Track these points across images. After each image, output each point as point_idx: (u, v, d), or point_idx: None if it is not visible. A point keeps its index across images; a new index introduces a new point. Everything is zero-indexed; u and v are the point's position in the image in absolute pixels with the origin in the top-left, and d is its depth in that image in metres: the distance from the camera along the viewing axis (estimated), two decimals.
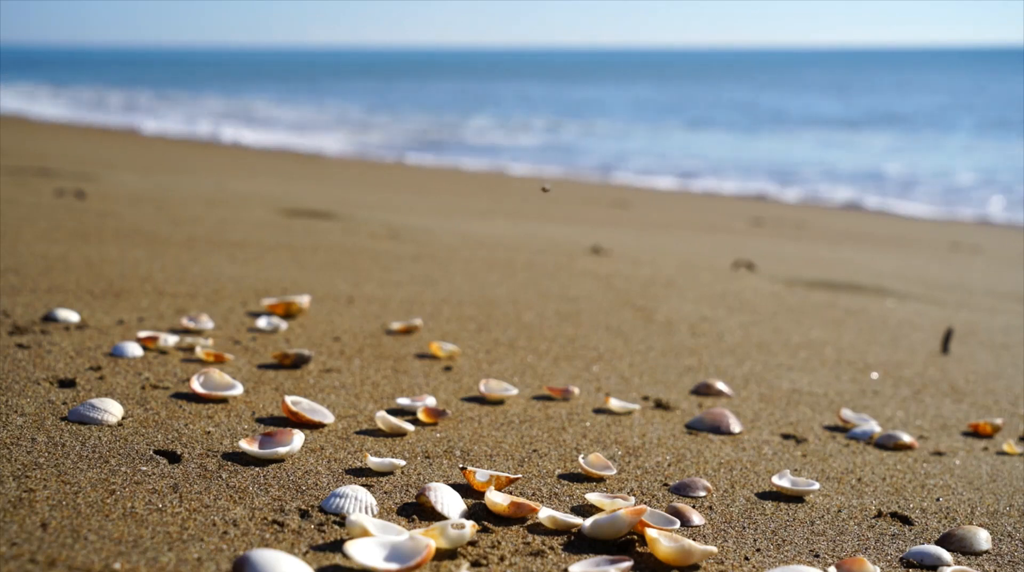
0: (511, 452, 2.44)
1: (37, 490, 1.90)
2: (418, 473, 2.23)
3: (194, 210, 6.49)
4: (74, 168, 9.24)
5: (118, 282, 3.92)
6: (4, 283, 3.70)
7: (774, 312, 4.58)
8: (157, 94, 36.58)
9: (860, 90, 44.67)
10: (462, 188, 12.25)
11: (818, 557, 2.00)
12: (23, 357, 2.79)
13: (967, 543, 2.10)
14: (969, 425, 3.02)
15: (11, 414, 2.32)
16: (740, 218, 10.41)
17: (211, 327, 3.32)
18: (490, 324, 3.81)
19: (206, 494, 1.97)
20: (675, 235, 8.35)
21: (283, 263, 4.75)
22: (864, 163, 18.33)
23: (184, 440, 2.27)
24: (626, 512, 1.93)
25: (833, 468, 2.54)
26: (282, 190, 9.12)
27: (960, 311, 5.15)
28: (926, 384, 3.52)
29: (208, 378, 2.62)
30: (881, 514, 2.25)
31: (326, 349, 3.23)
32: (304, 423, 2.45)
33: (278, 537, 1.82)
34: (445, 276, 4.76)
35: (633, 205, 11.12)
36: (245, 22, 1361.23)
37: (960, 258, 8.12)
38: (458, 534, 1.82)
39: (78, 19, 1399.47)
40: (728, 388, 3.19)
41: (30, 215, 5.52)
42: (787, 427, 2.87)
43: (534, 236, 6.88)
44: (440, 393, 2.88)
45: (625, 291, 4.76)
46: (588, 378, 3.20)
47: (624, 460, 2.46)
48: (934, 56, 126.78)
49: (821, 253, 7.61)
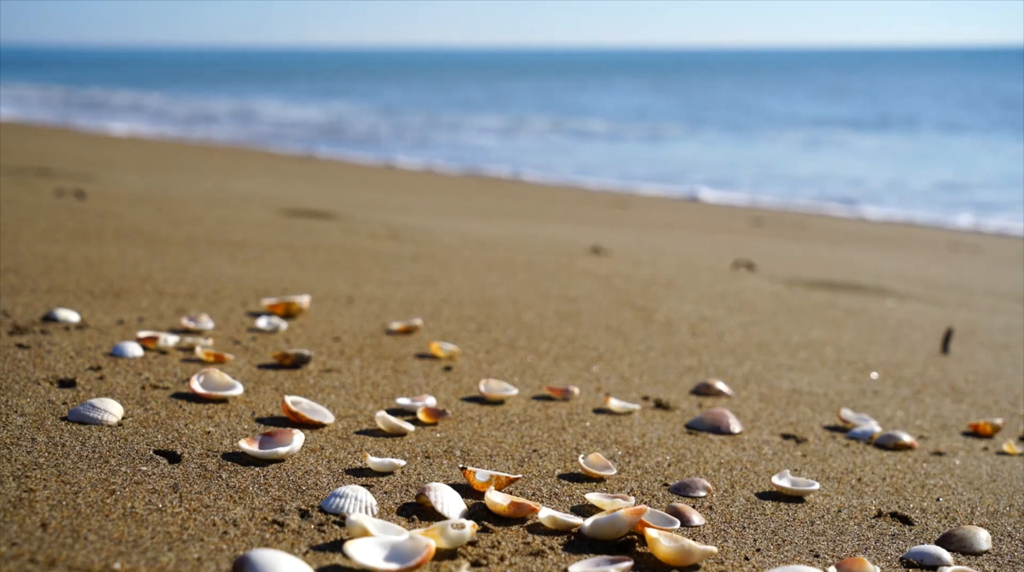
0: (511, 452, 2.44)
1: (37, 490, 1.90)
2: (418, 473, 2.23)
3: (194, 210, 6.49)
4: (74, 168, 9.24)
5: (118, 282, 3.92)
6: (4, 283, 3.70)
7: (774, 312, 4.58)
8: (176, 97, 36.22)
9: (870, 91, 44.49)
10: (462, 188, 12.25)
11: (818, 557, 2.00)
12: (23, 357, 2.79)
13: (967, 543, 2.10)
14: (969, 425, 3.02)
15: (11, 414, 2.32)
16: (740, 218, 10.41)
17: (211, 327, 3.32)
18: (490, 324, 3.81)
19: (206, 494, 1.97)
20: (675, 235, 8.35)
21: (283, 263, 4.75)
22: (864, 163, 18.35)
23: (184, 440, 2.27)
24: (626, 512, 1.93)
25: (833, 468, 2.54)
26: (282, 190, 9.12)
27: (960, 311, 5.15)
28: (926, 384, 3.52)
29: (208, 378, 2.62)
30: (881, 514, 2.25)
31: (326, 349, 3.23)
32: (304, 423, 2.45)
33: (278, 537, 1.82)
34: (445, 276, 4.76)
35: (633, 205, 11.12)
36: (245, 22, 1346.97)
37: (960, 258, 8.12)
38: (458, 534, 1.82)
39: (77, 19, 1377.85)
40: (728, 388, 3.19)
41: (30, 215, 5.52)
42: (787, 427, 2.87)
43: (534, 236, 6.88)
44: (440, 393, 2.88)
45: (625, 291, 4.76)
46: (588, 378, 3.20)
47: (624, 460, 2.46)
48: (938, 56, 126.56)
49: (821, 253, 7.61)
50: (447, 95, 41.38)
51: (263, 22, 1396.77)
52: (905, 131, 25.17)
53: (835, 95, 42.09)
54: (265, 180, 10.47)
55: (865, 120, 28.51)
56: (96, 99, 33.37)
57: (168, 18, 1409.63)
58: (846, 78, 60.64)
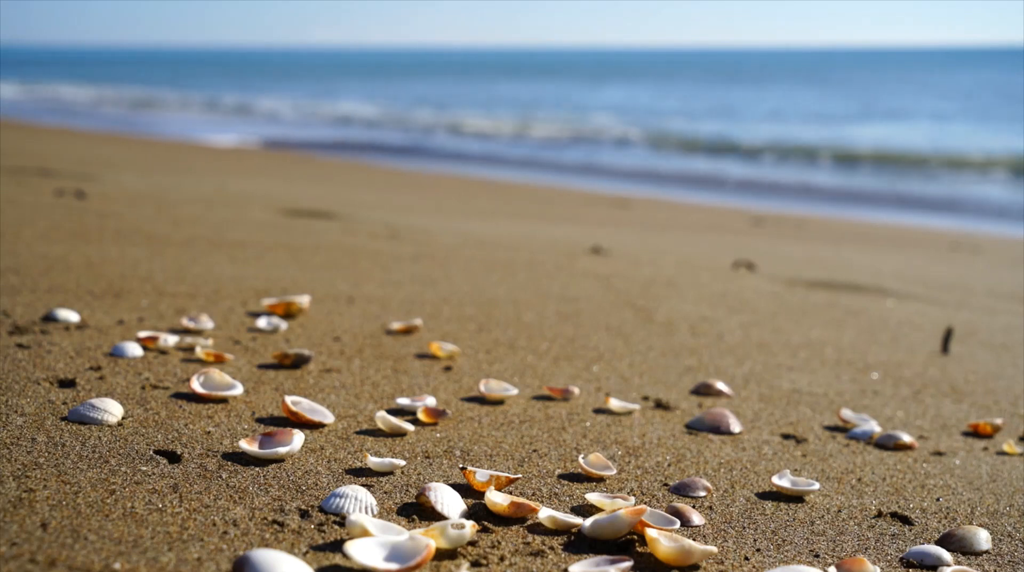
0: (511, 452, 2.44)
1: (37, 490, 1.90)
2: (418, 473, 2.23)
3: (194, 210, 6.49)
4: (74, 168, 9.24)
5: (118, 282, 3.92)
6: (4, 283, 3.70)
7: (774, 312, 4.58)
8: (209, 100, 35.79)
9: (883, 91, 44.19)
10: (462, 188, 12.25)
11: (818, 557, 2.00)
12: (23, 357, 2.79)
13: (967, 543, 2.10)
14: (969, 425, 3.02)
15: (11, 414, 2.32)
16: (740, 218, 10.41)
17: (211, 327, 3.32)
18: (490, 324, 3.81)
19: (206, 494, 1.97)
20: (675, 235, 8.35)
21: (283, 263, 4.75)
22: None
23: (184, 440, 2.27)
24: (626, 512, 1.93)
25: (833, 468, 2.54)
26: (282, 190, 9.12)
27: (960, 311, 5.15)
28: (926, 384, 3.52)
29: (208, 378, 2.62)
30: (881, 514, 2.25)
31: (326, 349, 3.23)
32: (304, 423, 2.45)
33: (278, 537, 1.82)
34: (445, 276, 4.76)
35: (633, 206, 11.12)
36: (245, 22, 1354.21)
37: (960, 258, 8.12)
38: (458, 534, 1.82)
39: (78, 19, 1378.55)
40: (728, 388, 3.19)
41: (30, 215, 5.52)
42: (787, 427, 2.87)
43: (534, 236, 6.88)
44: (440, 393, 2.88)
45: (625, 291, 4.76)
46: (588, 378, 3.20)
47: (624, 460, 2.46)
48: (946, 56, 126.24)
49: (821, 253, 7.61)
50: (471, 93, 41.04)
51: (263, 22, 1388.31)
52: (904, 130, 25.14)
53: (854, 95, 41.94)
54: (265, 180, 10.47)
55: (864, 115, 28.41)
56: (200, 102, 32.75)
57: (169, 18, 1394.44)
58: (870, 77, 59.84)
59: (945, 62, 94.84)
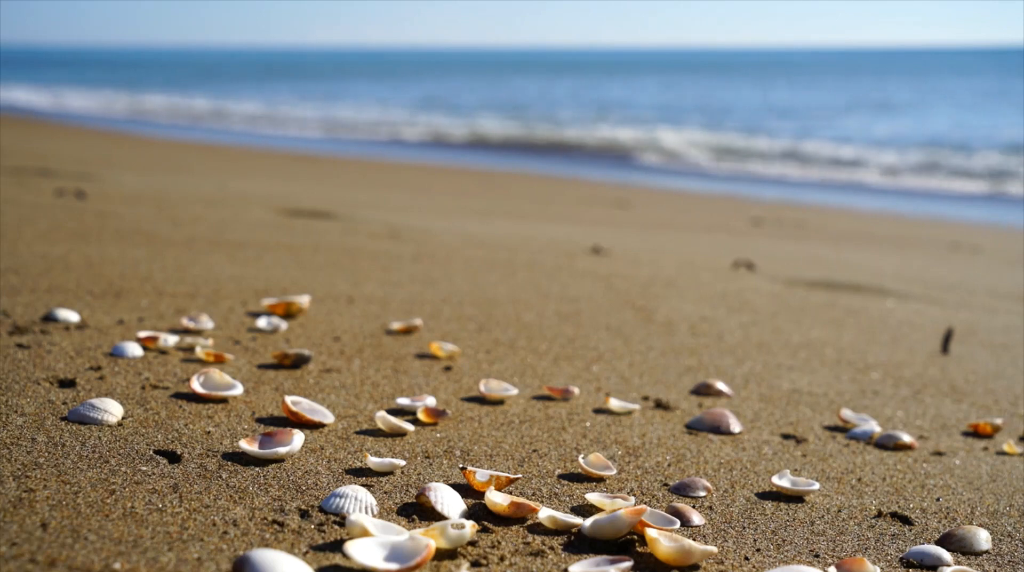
0: (511, 452, 2.44)
1: (37, 490, 1.90)
2: (418, 473, 2.23)
3: (194, 210, 6.49)
4: (74, 168, 9.24)
5: (118, 282, 3.92)
6: (4, 283, 3.70)
7: (774, 312, 4.58)
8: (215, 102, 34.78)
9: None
10: (462, 188, 12.25)
11: (818, 557, 2.00)
12: (23, 357, 2.79)
13: (967, 543, 2.10)
14: (969, 425, 3.02)
15: (11, 414, 2.32)
16: (740, 218, 10.41)
17: (211, 327, 3.32)
18: (490, 324, 3.81)
19: (206, 494, 1.97)
20: (675, 235, 8.35)
21: (283, 263, 4.75)
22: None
23: (184, 440, 2.27)
24: (626, 512, 1.93)
25: (833, 468, 2.54)
26: (282, 190, 9.12)
27: (960, 311, 5.15)
28: (926, 384, 3.52)
29: (208, 378, 2.62)
30: (881, 514, 2.25)
31: (326, 349, 3.23)
32: (304, 423, 2.45)
33: (278, 537, 1.82)
34: (445, 276, 4.76)
35: (633, 205, 11.12)
36: (245, 22, 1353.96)
37: (960, 258, 8.12)
38: (458, 534, 1.82)
39: (77, 19, 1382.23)
40: (728, 388, 3.19)
41: (30, 215, 5.52)
42: (787, 427, 2.87)
43: (534, 236, 6.88)
44: (440, 393, 2.88)
45: (625, 291, 4.76)
46: (588, 378, 3.20)
47: (624, 460, 2.46)
48: (953, 56, 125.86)
49: (821, 253, 7.61)
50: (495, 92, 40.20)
51: (262, 22, 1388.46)
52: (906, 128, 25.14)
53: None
54: (265, 180, 10.47)
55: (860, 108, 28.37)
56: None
57: (168, 18, 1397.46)
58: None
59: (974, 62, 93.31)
